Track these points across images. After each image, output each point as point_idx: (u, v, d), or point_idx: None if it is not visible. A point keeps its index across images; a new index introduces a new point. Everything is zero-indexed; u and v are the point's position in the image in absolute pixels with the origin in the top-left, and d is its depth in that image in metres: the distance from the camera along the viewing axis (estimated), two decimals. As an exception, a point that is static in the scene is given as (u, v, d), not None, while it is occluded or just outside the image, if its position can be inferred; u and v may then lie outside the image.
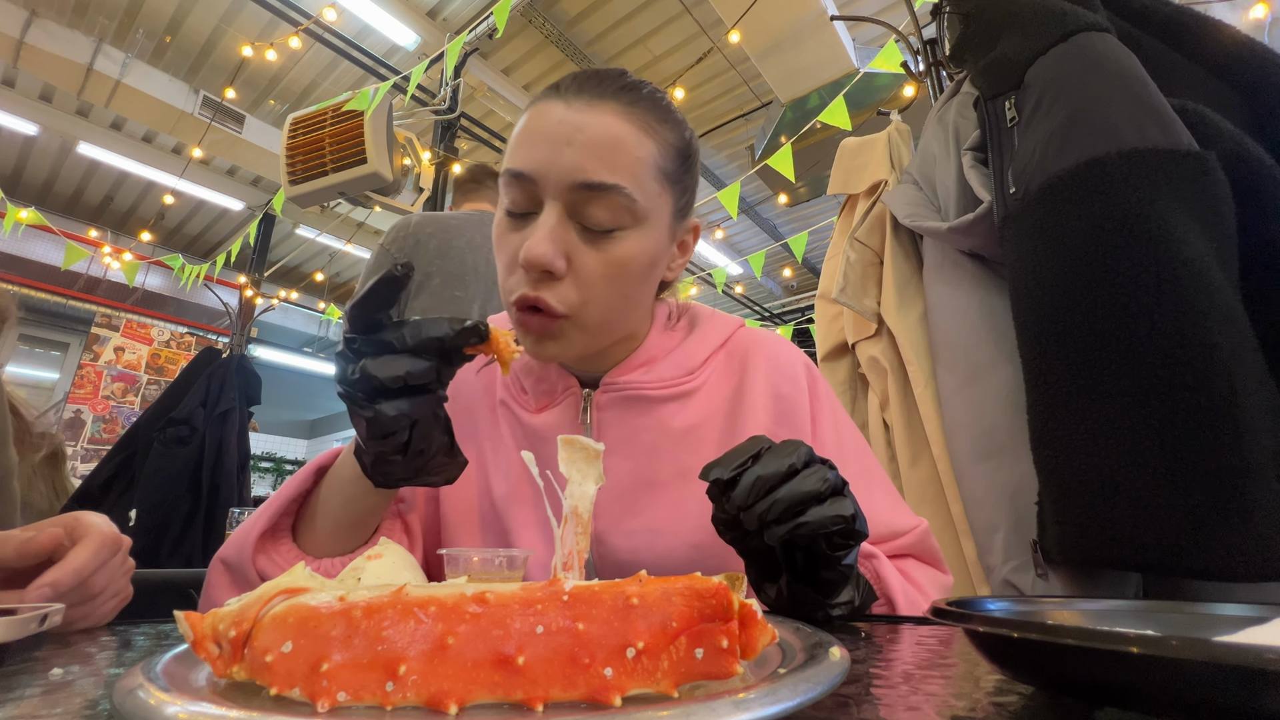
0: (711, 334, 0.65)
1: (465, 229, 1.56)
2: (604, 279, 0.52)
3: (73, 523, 0.47)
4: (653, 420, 0.60)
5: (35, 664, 0.34)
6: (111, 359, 5.24)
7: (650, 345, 0.63)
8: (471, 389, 0.67)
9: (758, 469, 0.41)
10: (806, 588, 0.44)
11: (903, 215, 1.13)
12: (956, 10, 1.05)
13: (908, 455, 1.10)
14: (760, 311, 7.35)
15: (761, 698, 0.19)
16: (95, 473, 2.46)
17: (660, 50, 4.06)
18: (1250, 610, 0.31)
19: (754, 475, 0.40)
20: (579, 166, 0.50)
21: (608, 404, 0.60)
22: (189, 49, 4.07)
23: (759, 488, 0.40)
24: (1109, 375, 0.69)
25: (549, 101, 0.54)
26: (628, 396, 0.60)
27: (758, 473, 0.40)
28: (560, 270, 0.51)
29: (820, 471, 0.41)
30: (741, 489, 0.40)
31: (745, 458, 0.42)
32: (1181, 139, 0.73)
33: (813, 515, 0.40)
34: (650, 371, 0.61)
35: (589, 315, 0.53)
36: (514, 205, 0.53)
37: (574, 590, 0.23)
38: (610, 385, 0.60)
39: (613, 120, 0.52)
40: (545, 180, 0.51)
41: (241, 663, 0.23)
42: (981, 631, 0.25)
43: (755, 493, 0.40)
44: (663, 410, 0.60)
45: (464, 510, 0.63)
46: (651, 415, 0.60)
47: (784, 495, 0.39)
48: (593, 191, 0.50)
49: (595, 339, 0.56)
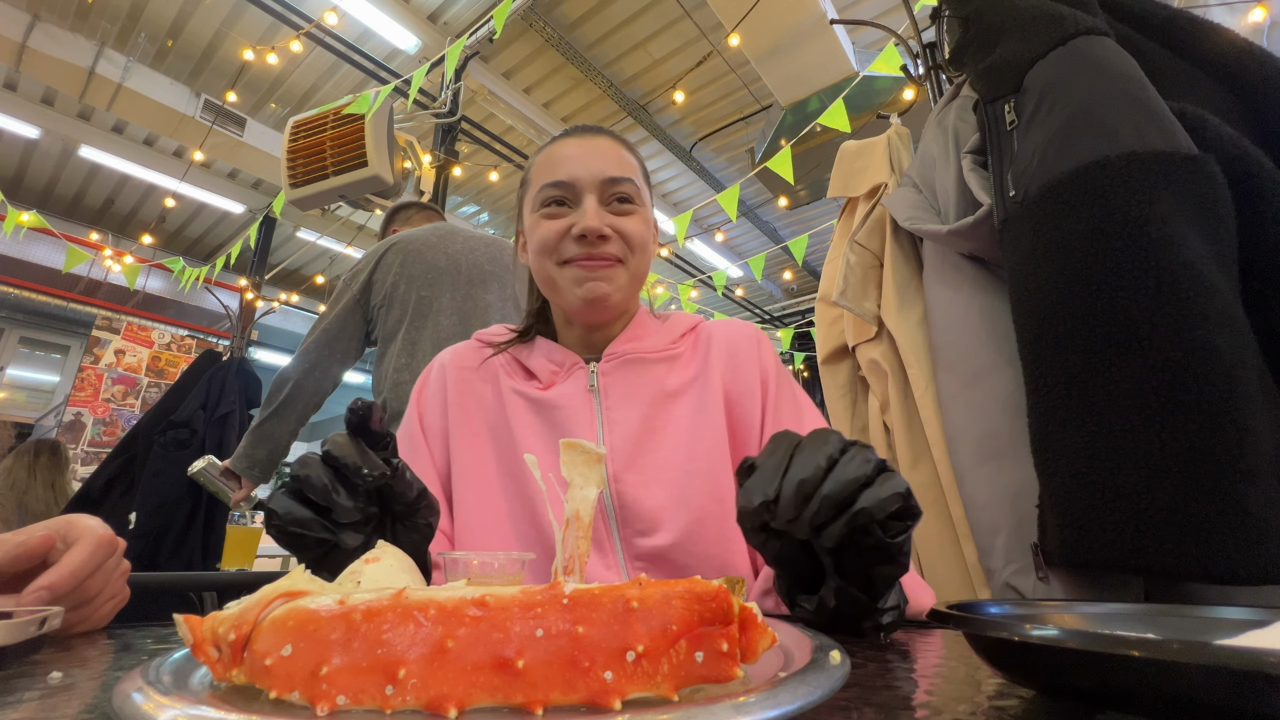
0: (682, 321, 0.80)
1: (421, 235, 1.66)
2: (635, 235, 0.71)
3: (65, 526, 0.47)
4: (651, 379, 0.73)
5: (34, 668, 0.34)
6: (112, 362, 5.25)
7: (638, 325, 0.77)
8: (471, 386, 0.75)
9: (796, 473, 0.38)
10: (856, 593, 0.41)
11: (903, 218, 1.13)
12: (955, 14, 1.05)
13: (908, 458, 1.10)
14: (760, 314, 7.35)
15: (761, 701, 0.19)
16: (95, 475, 2.46)
17: (660, 54, 4.07)
18: (1251, 614, 0.31)
19: (795, 482, 0.38)
20: (603, 169, 0.71)
21: (611, 370, 0.73)
22: (190, 53, 4.08)
23: (802, 492, 0.38)
24: (1109, 378, 0.69)
25: (563, 140, 0.75)
26: (628, 360, 0.73)
27: (798, 478, 0.38)
28: (608, 233, 0.69)
29: (861, 453, 0.39)
30: (785, 502, 0.38)
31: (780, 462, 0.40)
32: (1181, 142, 0.73)
33: (867, 500, 0.37)
34: (642, 342, 0.75)
35: (634, 262, 0.72)
36: (552, 202, 0.71)
37: (574, 593, 0.23)
38: (612, 354, 0.73)
39: (611, 144, 0.74)
40: (581, 182, 0.70)
41: (241, 666, 0.23)
42: (982, 635, 0.25)
43: (800, 499, 0.38)
44: (656, 369, 0.73)
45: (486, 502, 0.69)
46: (649, 374, 0.73)
47: (830, 492, 0.37)
48: (615, 183, 0.71)
49: (632, 285, 0.73)
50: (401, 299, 1.56)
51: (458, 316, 1.56)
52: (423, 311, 1.55)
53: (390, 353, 1.55)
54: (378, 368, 1.59)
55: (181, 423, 2.44)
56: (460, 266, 1.61)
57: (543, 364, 0.74)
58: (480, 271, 1.64)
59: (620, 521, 0.65)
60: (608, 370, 0.72)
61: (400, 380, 1.50)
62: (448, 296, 1.57)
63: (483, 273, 1.64)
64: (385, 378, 1.54)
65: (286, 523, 0.42)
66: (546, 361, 0.74)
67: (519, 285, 1.00)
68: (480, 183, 5.17)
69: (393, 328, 1.56)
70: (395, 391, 1.50)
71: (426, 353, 1.51)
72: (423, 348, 1.52)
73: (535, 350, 0.76)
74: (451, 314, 1.55)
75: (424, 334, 1.53)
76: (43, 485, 2.61)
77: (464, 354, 0.78)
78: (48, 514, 2.60)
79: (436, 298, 1.56)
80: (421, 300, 1.56)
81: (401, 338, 1.54)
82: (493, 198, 5.56)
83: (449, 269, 1.60)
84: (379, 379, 1.57)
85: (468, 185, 5.29)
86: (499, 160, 4.35)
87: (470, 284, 1.61)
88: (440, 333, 1.53)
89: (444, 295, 1.57)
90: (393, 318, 1.56)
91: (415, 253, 1.60)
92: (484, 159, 4.48)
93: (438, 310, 1.55)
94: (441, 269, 1.59)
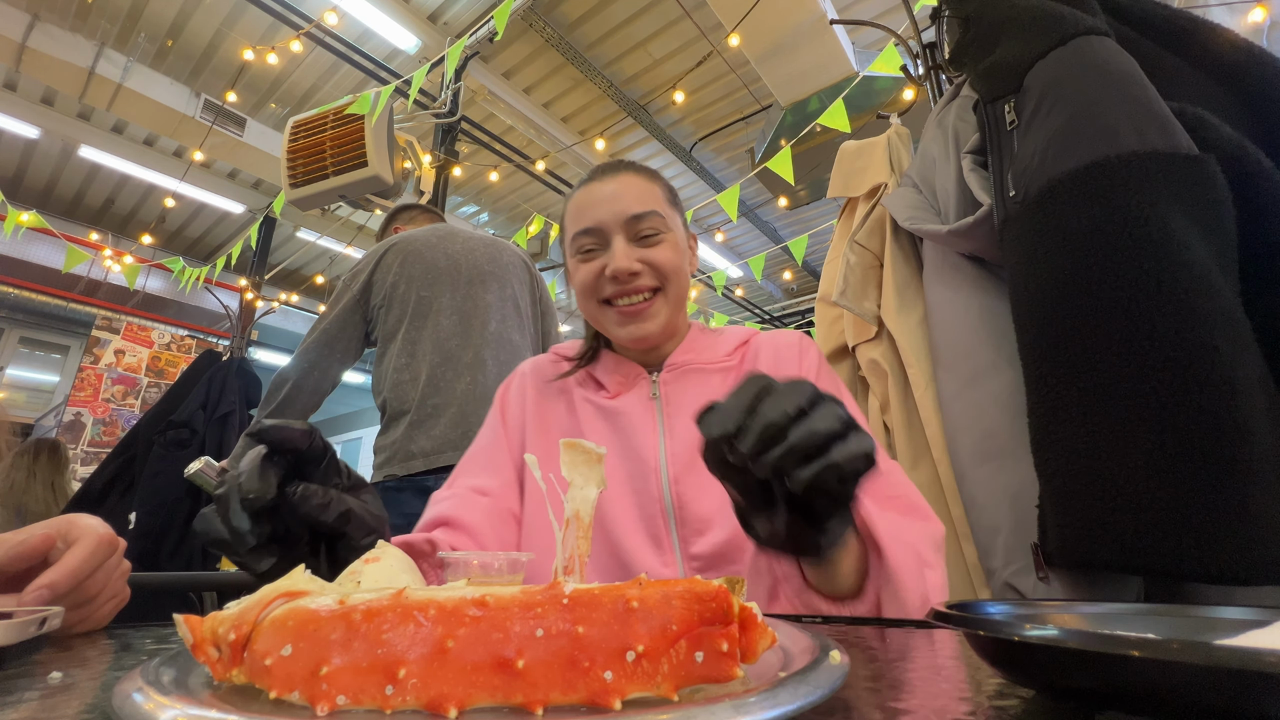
0: (735, 335, 0.84)
1: (421, 235, 1.66)
2: (665, 262, 0.75)
3: (65, 525, 0.47)
4: (708, 388, 0.77)
5: (34, 667, 0.34)
6: (112, 362, 5.25)
7: (693, 340, 0.83)
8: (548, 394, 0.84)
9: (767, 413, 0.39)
10: (805, 525, 0.44)
11: (903, 218, 1.13)
12: (955, 14, 1.05)
13: (908, 458, 1.10)
14: (760, 314, 7.36)
15: (761, 701, 0.19)
16: (95, 475, 2.46)
17: (660, 54, 4.07)
18: (1251, 613, 0.31)
19: (761, 423, 0.39)
20: (626, 209, 0.75)
21: (671, 380, 0.79)
22: (190, 53, 4.08)
23: (767, 434, 0.38)
24: (1109, 378, 0.69)
25: (588, 185, 0.79)
26: (686, 371, 0.79)
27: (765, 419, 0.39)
28: (638, 270, 0.74)
29: (832, 408, 0.40)
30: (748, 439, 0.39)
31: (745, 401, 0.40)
32: (1181, 142, 0.73)
33: (839, 454, 0.38)
34: (700, 354, 0.81)
35: (670, 289, 0.77)
36: (585, 249, 0.77)
37: (574, 593, 0.23)
38: (672, 365, 0.80)
39: (632, 178, 0.78)
40: (606, 225, 0.75)
41: (241, 666, 0.23)
42: (982, 635, 0.25)
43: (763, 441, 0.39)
44: (713, 379, 0.78)
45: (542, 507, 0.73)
46: (707, 384, 0.78)
47: (798, 441, 0.38)
48: (639, 220, 0.75)
49: (674, 311, 0.78)
50: (401, 299, 1.56)
51: (457, 316, 1.56)
52: (422, 311, 1.55)
53: (390, 352, 1.55)
54: (377, 367, 1.60)
55: (181, 423, 2.44)
56: (460, 267, 1.62)
57: (610, 375, 0.81)
58: (480, 271, 1.64)
59: (679, 522, 0.69)
60: (668, 380, 0.79)
61: (400, 380, 1.50)
62: (447, 296, 1.57)
63: (482, 273, 1.64)
64: (385, 377, 1.54)
65: (208, 543, 0.44)
66: (614, 373, 0.81)
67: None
68: (480, 183, 5.17)
69: (393, 328, 1.56)
70: (395, 391, 1.50)
71: (427, 352, 1.51)
72: (423, 347, 1.52)
73: (603, 363, 0.83)
74: (451, 313, 1.56)
75: (424, 334, 1.53)
76: (42, 485, 2.61)
77: (543, 366, 0.87)
78: (47, 514, 2.59)
79: (436, 298, 1.56)
80: (421, 300, 1.56)
81: (401, 338, 1.54)
82: (493, 198, 5.56)
83: (449, 269, 1.60)
84: (379, 378, 1.58)
85: (468, 185, 5.29)
86: (499, 160, 4.35)
87: (470, 284, 1.61)
88: (440, 332, 1.53)
89: (444, 295, 1.57)
90: (392, 318, 1.57)
91: (415, 253, 1.61)
92: (484, 159, 4.48)
93: (437, 310, 1.55)
94: (441, 269, 1.60)
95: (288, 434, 0.45)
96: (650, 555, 0.68)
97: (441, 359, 1.50)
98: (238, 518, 0.43)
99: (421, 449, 1.43)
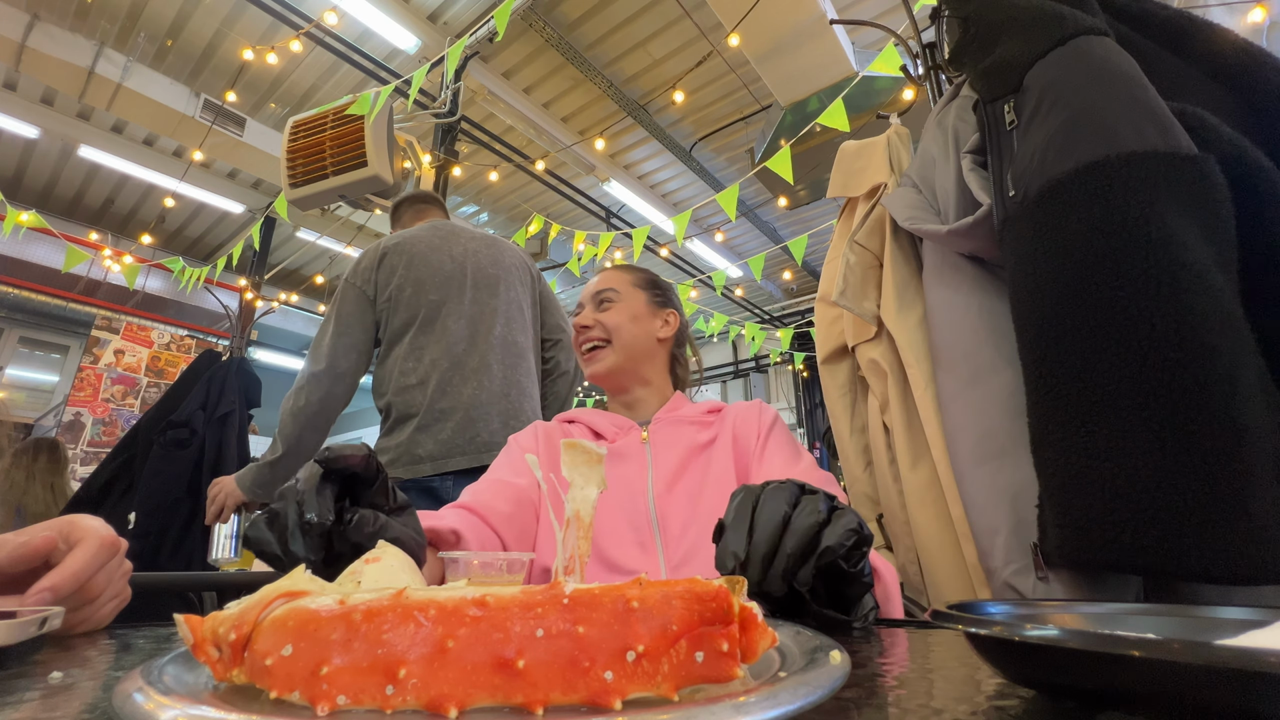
0: (710, 404, 1.04)
1: (423, 237, 1.64)
2: (609, 322, 1.03)
3: (67, 526, 0.47)
4: (689, 435, 0.97)
5: (35, 667, 0.34)
6: (111, 361, 5.25)
7: (678, 402, 1.06)
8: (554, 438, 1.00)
9: (759, 535, 0.44)
10: (834, 614, 0.47)
11: (902, 218, 1.13)
12: (955, 14, 1.05)
13: (908, 458, 1.10)
14: (760, 314, 7.35)
15: (762, 701, 0.19)
16: (94, 476, 2.46)
17: (660, 54, 4.06)
18: (1250, 613, 0.31)
19: (759, 553, 0.43)
20: (594, 288, 1.07)
21: (659, 429, 0.98)
22: (190, 52, 4.08)
23: (766, 555, 0.43)
24: (1109, 378, 0.69)
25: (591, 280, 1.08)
26: (671, 421, 1.00)
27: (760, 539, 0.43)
28: (589, 323, 1.04)
29: (811, 501, 0.44)
30: (752, 569, 0.43)
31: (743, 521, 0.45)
32: (1181, 142, 0.73)
33: (828, 539, 0.42)
34: (681, 412, 1.02)
35: (616, 340, 1.03)
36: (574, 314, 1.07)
37: (574, 593, 0.23)
38: (659, 419, 1.00)
39: (609, 274, 1.09)
40: (583, 299, 1.07)
41: (241, 666, 0.23)
42: (982, 635, 0.25)
43: (764, 563, 0.43)
44: (692, 429, 0.98)
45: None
46: (685, 433, 0.97)
47: (794, 548, 0.42)
48: (600, 294, 1.06)
49: (621, 359, 1.02)
50: (408, 303, 1.55)
51: (466, 322, 1.56)
52: (431, 317, 1.55)
53: (395, 355, 1.54)
54: (379, 368, 1.59)
55: (181, 423, 2.44)
56: (467, 271, 1.61)
57: (608, 427, 1.00)
58: (486, 275, 1.64)
59: (661, 528, 0.86)
60: (656, 430, 0.98)
61: (406, 385, 1.50)
62: (456, 302, 1.57)
63: (488, 276, 1.64)
64: (389, 380, 1.53)
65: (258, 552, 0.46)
66: (611, 425, 1.00)
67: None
68: (480, 183, 5.17)
69: (398, 331, 1.55)
70: (401, 395, 1.50)
71: (435, 358, 1.51)
72: (431, 353, 1.51)
73: (602, 419, 1.03)
74: (459, 319, 1.55)
75: (432, 339, 1.53)
76: (42, 486, 2.61)
77: (551, 428, 1.05)
78: (47, 514, 2.59)
79: (445, 303, 1.56)
80: (431, 305, 1.55)
81: (409, 342, 1.53)
82: (492, 198, 5.56)
83: (456, 274, 1.60)
84: (381, 380, 1.57)
85: (468, 185, 5.29)
86: (499, 160, 4.35)
87: (477, 288, 1.61)
88: (449, 338, 1.53)
89: (453, 301, 1.57)
90: (398, 320, 1.55)
91: (419, 256, 1.59)
92: (484, 159, 4.48)
93: (446, 315, 1.55)
94: (449, 274, 1.59)
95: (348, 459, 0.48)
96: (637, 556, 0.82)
97: (450, 364, 1.50)
98: (295, 542, 0.45)
99: (429, 453, 1.43)
